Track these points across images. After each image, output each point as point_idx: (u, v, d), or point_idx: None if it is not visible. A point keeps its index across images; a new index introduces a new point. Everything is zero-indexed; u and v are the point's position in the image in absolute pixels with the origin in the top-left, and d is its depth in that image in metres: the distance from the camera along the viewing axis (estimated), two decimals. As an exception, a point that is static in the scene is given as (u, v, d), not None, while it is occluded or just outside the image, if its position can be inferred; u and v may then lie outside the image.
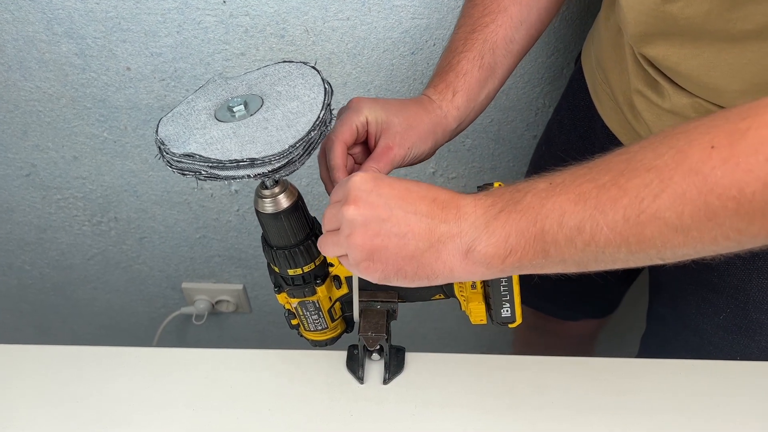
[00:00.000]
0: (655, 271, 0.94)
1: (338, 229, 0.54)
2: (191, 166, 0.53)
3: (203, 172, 0.53)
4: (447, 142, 0.72)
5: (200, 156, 0.52)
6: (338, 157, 0.65)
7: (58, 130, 1.14)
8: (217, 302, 1.45)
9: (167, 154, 0.54)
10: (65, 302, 1.53)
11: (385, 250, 0.51)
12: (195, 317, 1.45)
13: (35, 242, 1.38)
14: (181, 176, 0.54)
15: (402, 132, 0.66)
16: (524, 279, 0.62)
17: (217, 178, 0.53)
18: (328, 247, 0.57)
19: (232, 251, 1.35)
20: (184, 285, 1.44)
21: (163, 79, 1.05)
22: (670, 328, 0.90)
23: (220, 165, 0.52)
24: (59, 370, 0.74)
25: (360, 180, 0.53)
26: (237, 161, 0.52)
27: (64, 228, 1.34)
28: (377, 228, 0.51)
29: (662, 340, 0.93)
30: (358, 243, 0.52)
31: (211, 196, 1.24)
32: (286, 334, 0.74)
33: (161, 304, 1.50)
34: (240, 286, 1.42)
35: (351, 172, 0.68)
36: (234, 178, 0.53)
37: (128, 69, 1.05)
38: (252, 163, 0.52)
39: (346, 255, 0.54)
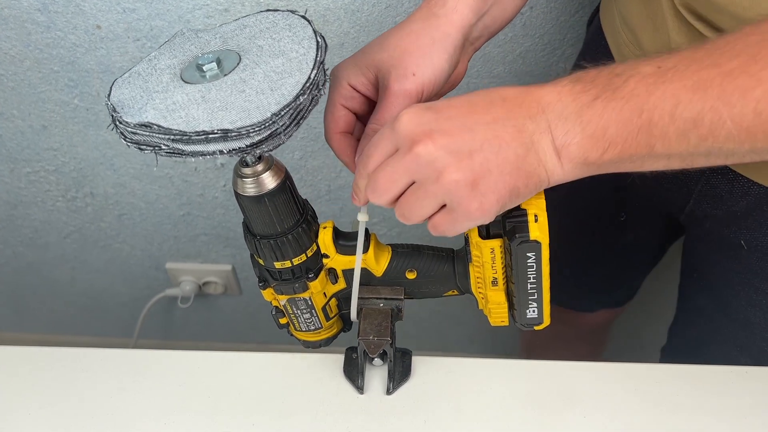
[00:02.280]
0: (689, 255, 0.84)
1: (412, 183, 0.45)
2: (149, 138, 0.42)
3: (163, 147, 0.42)
4: (476, 45, 0.59)
5: (159, 126, 0.41)
6: (344, 153, 0.54)
7: (23, 96, 1.03)
8: (204, 284, 1.36)
9: (120, 123, 0.44)
10: (42, 283, 1.43)
11: (488, 174, 0.43)
12: (181, 299, 1.35)
13: (6, 219, 1.27)
14: (139, 151, 0.44)
15: (397, 63, 0.53)
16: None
17: (181, 154, 0.42)
18: (415, 206, 0.45)
19: (220, 229, 1.25)
20: (169, 265, 1.34)
21: (138, 39, 0.94)
22: (710, 320, 0.80)
23: (185, 138, 0.41)
24: (15, 374, 0.64)
25: (414, 116, 0.43)
26: (206, 133, 0.41)
27: (37, 204, 1.23)
28: (468, 153, 0.42)
29: (701, 333, 0.83)
30: (458, 179, 0.42)
31: (195, 170, 1.13)
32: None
33: (145, 286, 1.40)
34: (229, 267, 1.33)
35: None
36: (203, 154, 0.42)
37: (98, 27, 0.93)
38: (225, 135, 0.41)
39: (444, 205, 0.45)
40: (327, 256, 0.57)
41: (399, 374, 0.62)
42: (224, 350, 0.66)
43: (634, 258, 0.97)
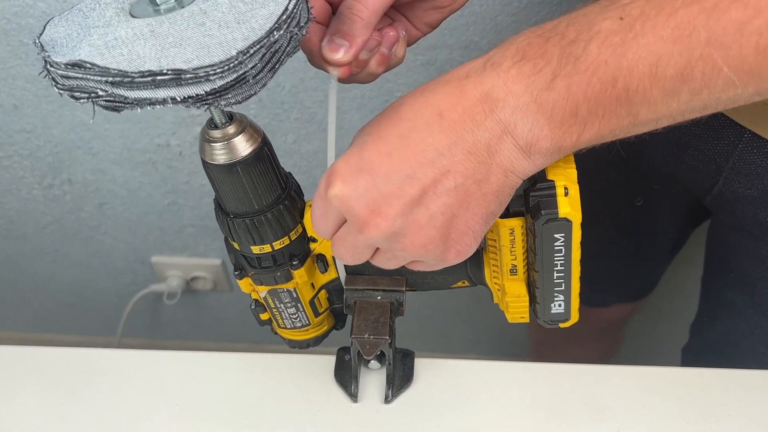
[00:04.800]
0: (715, 243, 0.75)
1: (377, 250, 0.41)
2: (83, 82, 0.33)
3: (101, 93, 0.33)
4: None
5: (93, 65, 0.33)
6: (307, 39, 0.43)
7: (-10, 72, 0.95)
8: (192, 279, 1.27)
9: (51, 66, 0.35)
10: (22, 277, 1.35)
11: (454, 219, 0.37)
12: (167, 296, 1.27)
13: (-22, 208, 1.19)
14: (74, 101, 0.35)
15: None
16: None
17: (124, 102, 0.34)
18: (388, 264, 0.42)
19: (208, 220, 1.16)
20: (154, 259, 1.26)
21: (114, 7, 0.85)
22: (741, 317, 0.72)
23: (126, 80, 0.32)
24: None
25: (347, 189, 0.37)
26: (153, 74, 0.32)
27: (11, 191, 1.15)
28: (425, 208, 0.37)
29: (729, 330, 0.75)
30: (424, 243, 0.38)
31: (180, 154, 1.04)
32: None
33: (129, 281, 1.31)
34: (218, 261, 1.24)
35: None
36: (151, 102, 0.33)
37: (70, -7, 0.85)
38: (178, 78, 0.32)
39: (419, 261, 0.41)
40: (315, 240, 0.49)
41: (399, 379, 0.53)
42: (214, 350, 0.57)
43: (651, 247, 0.89)
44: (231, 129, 0.41)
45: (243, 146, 0.41)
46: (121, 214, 1.17)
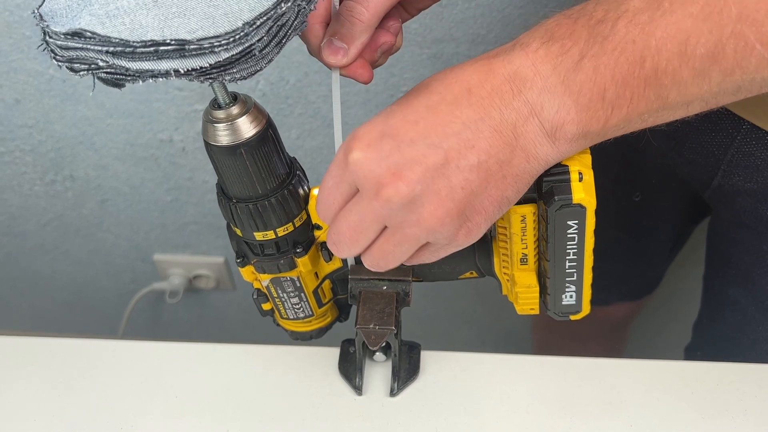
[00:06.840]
0: (716, 239, 0.74)
1: (385, 228, 0.39)
2: (83, 53, 0.32)
3: (101, 64, 0.32)
4: None
5: (94, 34, 0.32)
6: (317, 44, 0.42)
7: (-8, 65, 0.94)
8: (194, 277, 1.26)
9: (50, 36, 0.34)
10: (21, 275, 1.34)
11: (472, 196, 0.36)
12: (169, 294, 1.26)
13: (-21, 204, 1.18)
14: (73, 74, 0.34)
15: None
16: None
17: (125, 74, 0.32)
18: (393, 254, 0.40)
19: (211, 218, 1.15)
20: (156, 257, 1.24)
21: (117, -1, 0.84)
22: (743, 314, 0.70)
23: (128, 50, 0.31)
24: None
25: (369, 151, 0.36)
26: (156, 44, 0.31)
27: (12, 187, 1.14)
28: (446, 180, 0.35)
29: (731, 329, 0.74)
30: (441, 215, 0.36)
31: (183, 150, 1.03)
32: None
33: (130, 279, 1.30)
34: (221, 259, 1.23)
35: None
36: (153, 74, 0.32)
37: (73, -15, 0.83)
38: (181, 48, 0.31)
39: (428, 243, 0.39)
40: (319, 228, 0.47)
41: (405, 372, 0.52)
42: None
43: (651, 244, 0.87)
44: (235, 109, 0.40)
45: (247, 128, 0.40)
46: (123, 211, 1.16)
